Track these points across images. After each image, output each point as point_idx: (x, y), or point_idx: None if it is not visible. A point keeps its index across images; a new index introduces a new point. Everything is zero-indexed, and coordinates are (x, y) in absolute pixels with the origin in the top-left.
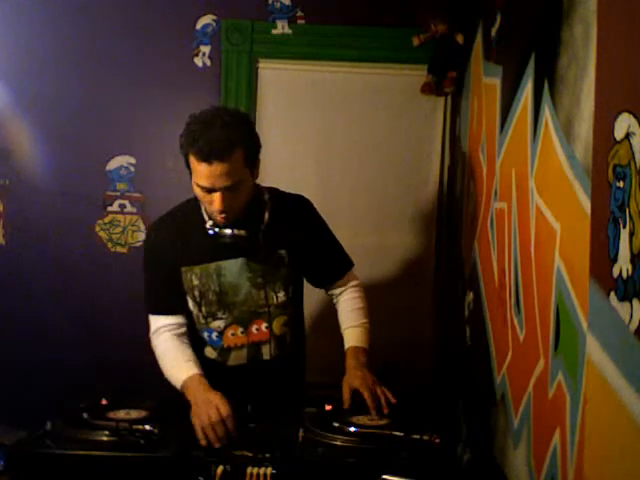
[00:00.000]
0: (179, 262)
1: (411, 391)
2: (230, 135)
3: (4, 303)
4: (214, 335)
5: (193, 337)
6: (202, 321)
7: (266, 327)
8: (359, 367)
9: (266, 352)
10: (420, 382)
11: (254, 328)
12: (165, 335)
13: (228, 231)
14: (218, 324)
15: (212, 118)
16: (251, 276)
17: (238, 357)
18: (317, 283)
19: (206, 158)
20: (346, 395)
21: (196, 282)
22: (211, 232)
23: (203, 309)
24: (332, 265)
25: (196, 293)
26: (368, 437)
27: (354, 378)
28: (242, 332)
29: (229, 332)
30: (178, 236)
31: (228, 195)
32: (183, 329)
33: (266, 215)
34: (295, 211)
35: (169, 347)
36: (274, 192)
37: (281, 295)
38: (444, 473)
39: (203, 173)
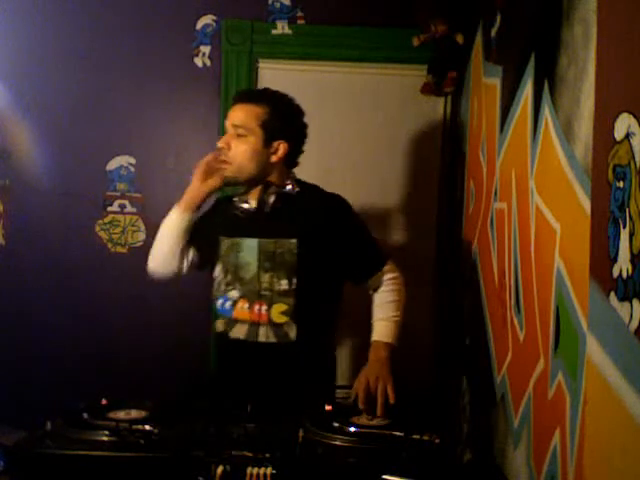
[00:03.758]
0: (218, 231)
1: (411, 391)
2: (262, 94)
3: (4, 303)
4: (227, 304)
5: None
6: (222, 288)
7: (265, 310)
8: (373, 362)
9: (262, 334)
10: (420, 382)
11: (256, 307)
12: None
13: (239, 200)
14: (233, 294)
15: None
16: (261, 258)
17: (240, 330)
18: (352, 281)
19: (233, 99)
20: (353, 390)
21: (225, 251)
22: (235, 200)
23: (228, 276)
24: (362, 263)
25: (224, 260)
26: (368, 437)
27: (361, 374)
28: (247, 308)
29: (239, 304)
30: (220, 210)
31: (233, 138)
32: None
33: (272, 198)
34: (321, 207)
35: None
36: (306, 185)
37: (283, 283)
38: (444, 473)
39: (228, 115)
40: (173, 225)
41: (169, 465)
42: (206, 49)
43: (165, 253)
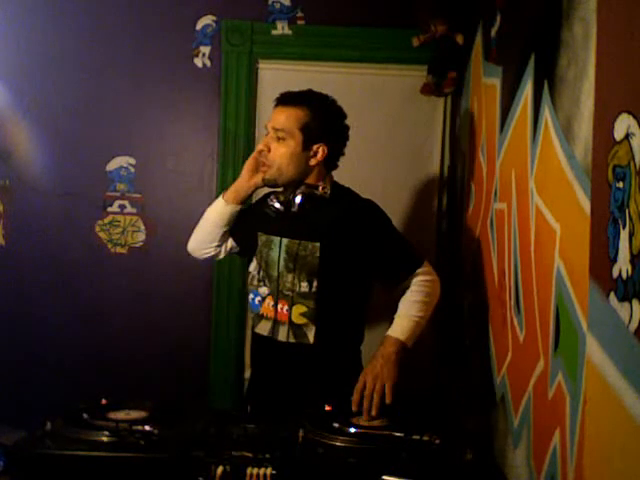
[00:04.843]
0: (257, 227)
1: (411, 391)
2: (303, 96)
3: (4, 303)
4: (257, 299)
5: None
6: (255, 283)
7: (287, 310)
8: (377, 359)
9: (282, 334)
10: (420, 382)
11: (279, 306)
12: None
13: (272, 198)
14: (263, 290)
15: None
16: (286, 258)
17: (263, 327)
18: (384, 286)
19: (275, 101)
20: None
21: (260, 247)
22: (270, 198)
23: (261, 272)
24: (393, 269)
25: (258, 256)
26: (368, 437)
27: (361, 373)
28: (272, 305)
29: (267, 301)
30: (260, 206)
31: (273, 140)
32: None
33: (298, 198)
34: (351, 212)
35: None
36: (340, 189)
37: (304, 285)
38: (444, 473)
39: (270, 117)
40: (214, 212)
41: (169, 465)
42: (206, 50)
43: (203, 237)
